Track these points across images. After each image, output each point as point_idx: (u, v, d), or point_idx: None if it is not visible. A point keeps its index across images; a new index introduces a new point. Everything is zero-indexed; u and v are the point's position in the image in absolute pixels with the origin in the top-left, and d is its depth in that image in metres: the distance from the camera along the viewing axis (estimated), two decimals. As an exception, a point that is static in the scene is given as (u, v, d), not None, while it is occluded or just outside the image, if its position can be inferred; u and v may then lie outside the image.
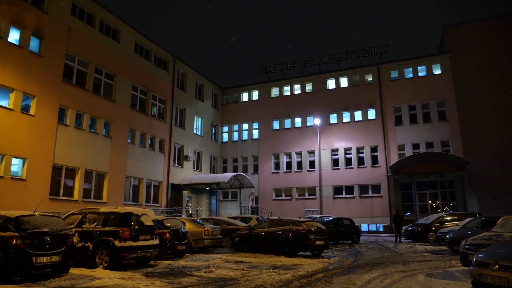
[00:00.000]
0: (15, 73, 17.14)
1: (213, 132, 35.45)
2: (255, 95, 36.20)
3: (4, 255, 7.82)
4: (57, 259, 8.49)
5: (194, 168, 31.27)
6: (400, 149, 29.54)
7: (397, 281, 8.51)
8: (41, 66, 18.44)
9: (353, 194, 30.28)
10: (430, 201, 28.67)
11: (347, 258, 13.28)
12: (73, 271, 9.46)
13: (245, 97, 36.73)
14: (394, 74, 31.09)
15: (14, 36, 17.64)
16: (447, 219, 20.08)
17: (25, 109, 17.71)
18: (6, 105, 16.78)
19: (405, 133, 29.64)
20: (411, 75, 30.59)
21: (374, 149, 30.40)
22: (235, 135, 36.12)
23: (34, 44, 18.47)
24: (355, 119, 31.48)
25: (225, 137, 36.42)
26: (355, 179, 30.39)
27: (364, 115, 31.20)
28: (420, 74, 30.29)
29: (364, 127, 30.91)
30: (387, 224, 28.02)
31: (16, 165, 17.21)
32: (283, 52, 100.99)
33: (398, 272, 9.87)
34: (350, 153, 31.12)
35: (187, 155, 29.90)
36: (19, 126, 17.08)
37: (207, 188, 31.49)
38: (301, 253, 14.36)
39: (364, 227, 28.94)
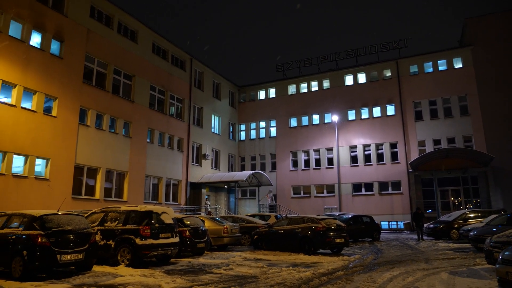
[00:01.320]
0: (37, 75, 17.57)
1: (231, 130, 35.57)
2: (272, 92, 36.12)
3: (30, 252, 8.05)
4: (81, 257, 8.68)
5: (212, 166, 31.46)
6: (420, 145, 28.98)
7: (420, 279, 8.36)
8: (62, 68, 18.85)
9: (372, 191, 29.90)
10: (452, 198, 28.05)
11: (367, 256, 13.14)
12: (96, 268, 9.65)
13: (262, 95, 36.70)
14: (414, 68, 30.50)
15: (35, 39, 18.08)
16: (470, 216, 19.61)
17: (47, 111, 18.15)
18: (29, 107, 17.23)
19: (425, 129, 29.05)
20: (431, 69, 29.94)
21: (393, 146, 29.93)
22: (253, 133, 36.14)
23: (55, 47, 18.89)
24: (374, 115, 31.05)
25: (243, 135, 36.49)
26: (374, 176, 30.00)
27: (383, 111, 30.74)
28: (440, 68, 29.62)
29: (383, 123, 30.46)
30: (408, 221, 27.57)
31: (39, 165, 17.65)
32: (299, 49, 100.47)
33: (420, 270, 9.69)
34: (369, 150, 30.73)
35: (205, 154, 30.10)
36: (42, 127, 17.52)
37: (226, 187, 31.63)
38: (321, 251, 14.28)
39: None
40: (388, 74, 31.29)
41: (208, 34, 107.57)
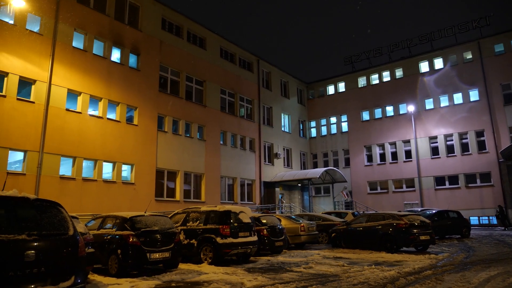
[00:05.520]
0: (119, 88, 19.04)
1: (301, 128, 35.35)
2: (341, 87, 35.21)
3: (124, 251, 8.71)
4: (168, 255, 9.17)
5: (284, 165, 31.53)
6: (512, 132, 26.25)
7: (524, 280, 7.51)
8: (139, 79, 20.21)
9: (458, 184, 27.70)
10: (554, 189, 24.97)
11: (457, 254, 12.17)
12: (181, 266, 10.14)
13: (331, 90, 35.96)
14: (499, 48, 27.66)
15: (115, 55, 19.61)
16: None
17: (129, 120, 19.59)
18: (114, 118, 18.75)
19: (517, 113, 26.23)
20: (520, 47, 26.96)
21: (480, 134, 27.45)
22: (323, 130, 35.56)
23: (132, 60, 20.32)
24: (455, 102, 28.75)
25: (313, 132, 36.06)
26: (459, 168, 27.76)
27: (465, 96, 28.33)
28: (531, 44, 26.53)
29: (466, 110, 28.06)
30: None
31: (125, 170, 19.11)
32: (364, 39, 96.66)
33: (523, 270, 8.73)
34: (452, 140, 28.52)
35: (277, 153, 30.27)
36: (125, 136, 18.94)
37: (299, 184, 31.49)
38: (404, 249, 13.57)
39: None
40: (469, 56, 28.77)
41: (273, 33, 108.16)
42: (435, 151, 29.12)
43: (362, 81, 34.08)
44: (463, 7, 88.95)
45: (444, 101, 29.34)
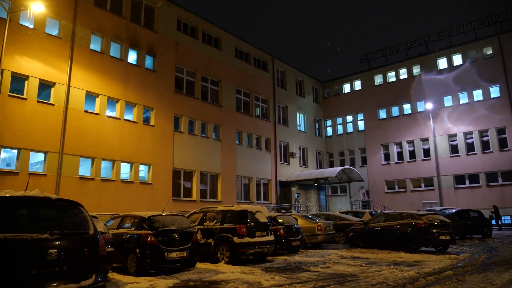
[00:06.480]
0: (136, 89, 19.29)
1: (317, 127, 35.15)
2: (357, 85, 34.86)
3: (142, 250, 8.81)
4: (185, 254, 9.24)
5: (300, 164, 31.40)
6: (535, 128, 25.53)
7: (550, 281, 7.30)
8: (156, 80, 20.42)
9: (478, 183, 27.09)
10: None
11: (479, 255, 11.90)
12: (199, 265, 10.20)
13: (346, 88, 35.65)
14: (521, 42, 26.96)
15: (132, 57, 19.87)
16: None
17: (146, 121, 19.82)
18: (131, 119, 19.00)
19: (540, 109, 25.49)
20: (543, 41, 26.20)
21: (501, 131, 26.79)
22: (340, 128, 35.27)
23: (148, 61, 20.55)
24: (475, 99, 28.12)
25: (329, 131, 35.81)
26: (479, 166, 27.15)
27: (485, 93, 27.68)
28: (555, 38, 25.75)
29: (486, 107, 27.41)
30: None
31: (143, 171, 19.35)
32: (380, 37, 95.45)
33: (548, 271, 8.48)
34: (471, 138, 27.91)
35: (292, 152, 30.18)
36: (142, 136, 19.17)
37: (315, 184, 31.33)
38: (423, 248, 13.34)
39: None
40: (489, 52, 28.11)
41: (288, 32, 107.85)
42: (454, 149, 28.56)
43: (378, 79, 33.67)
44: (481, 2, 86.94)
45: (463, 98, 28.74)
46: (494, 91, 27.44)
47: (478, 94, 28.10)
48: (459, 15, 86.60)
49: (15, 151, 14.96)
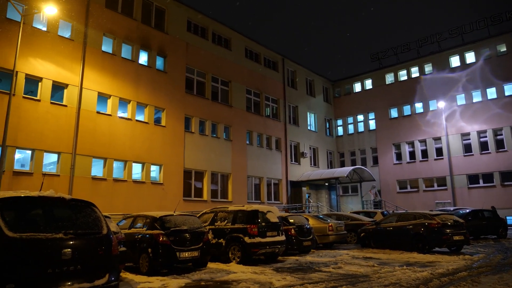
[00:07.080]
0: (147, 90, 19.43)
1: (327, 126, 34.99)
2: (368, 84, 34.59)
3: (154, 250, 8.87)
4: (197, 254, 9.27)
5: (311, 164, 31.29)
6: (551, 127, 25.00)
7: None
8: (166, 81, 20.55)
9: (493, 182, 26.65)
10: None
11: (494, 255, 11.71)
12: (210, 265, 10.22)
13: (357, 87, 35.39)
14: (536, 39, 26.44)
15: (143, 58, 20.03)
16: None
17: (157, 121, 19.96)
18: (142, 119, 19.16)
19: (556, 107, 24.96)
20: (559, 38, 25.65)
21: (516, 130, 26.32)
22: (351, 128, 35.04)
23: (159, 62, 20.69)
24: (488, 97, 27.66)
25: (340, 130, 35.60)
26: (494, 166, 26.70)
27: (499, 91, 27.21)
28: None
29: (501, 105, 26.93)
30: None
31: (154, 171, 19.48)
32: (391, 36, 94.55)
33: None
34: (485, 136, 27.47)
35: (303, 152, 30.08)
36: (154, 137, 19.31)
37: (326, 184, 31.18)
38: (436, 249, 13.18)
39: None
40: (503, 49, 27.63)
41: (298, 32, 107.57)
42: (467, 148, 28.14)
43: (389, 78, 33.36)
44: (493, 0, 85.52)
45: (476, 97, 28.30)
46: (509, 89, 26.96)
47: (491, 92, 27.65)
48: (471, 14, 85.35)
49: (29, 152, 15.20)
